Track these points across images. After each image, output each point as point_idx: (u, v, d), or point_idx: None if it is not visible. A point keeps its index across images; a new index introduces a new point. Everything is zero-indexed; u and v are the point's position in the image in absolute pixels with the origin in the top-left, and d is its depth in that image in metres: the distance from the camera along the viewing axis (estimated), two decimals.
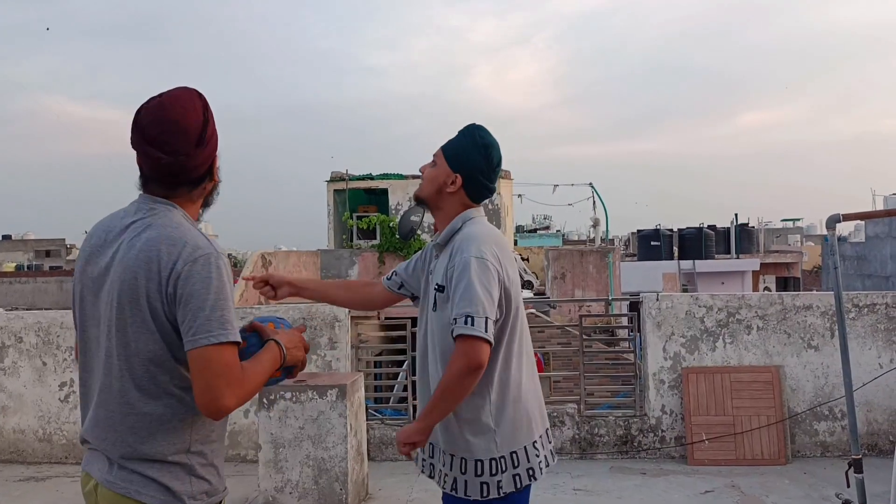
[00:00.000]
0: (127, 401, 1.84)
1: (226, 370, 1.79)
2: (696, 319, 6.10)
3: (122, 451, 1.85)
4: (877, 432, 5.96)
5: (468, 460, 2.36)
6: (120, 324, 1.83)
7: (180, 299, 1.79)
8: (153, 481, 1.84)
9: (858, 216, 4.10)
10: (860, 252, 31.74)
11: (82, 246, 1.97)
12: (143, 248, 1.83)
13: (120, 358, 1.84)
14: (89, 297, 1.91)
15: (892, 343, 6.01)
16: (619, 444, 6.10)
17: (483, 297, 2.25)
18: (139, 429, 1.84)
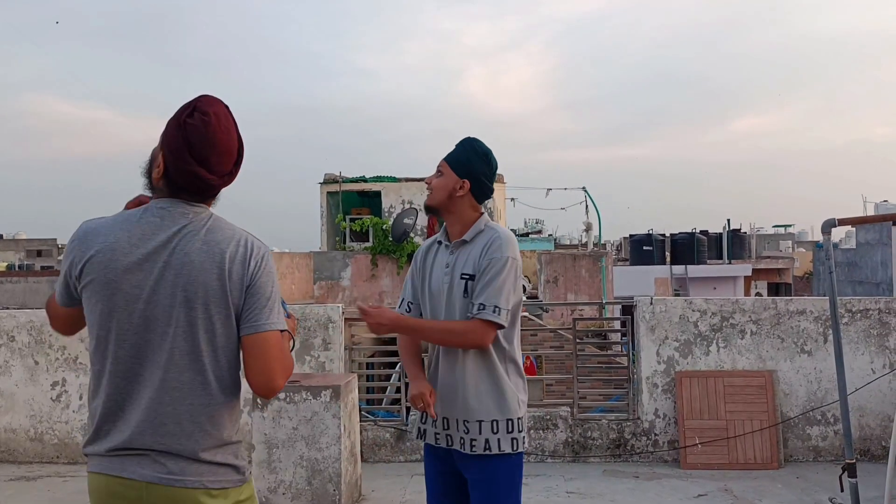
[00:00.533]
0: (208, 392, 1.95)
1: (280, 354, 1.97)
2: (690, 324, 6.12)
3: (202, 444, 1.94)
4: (869, 437, 5.98)
5: (500, 421, 2.73)
6: (204, 324, 1.93)
7: (250, 292, 1.95)
8: (226, 465, 1.97)
9: (853, 221, 4.12)
10: (851, 258, 31.91)
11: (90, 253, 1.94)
12: (214, 249, 1.94)
13: (201, 354, 1.93)
14: (135, 306, 1.93)
15: (884, 348, 6.04)
16: (612, 448, 6.11)
17: (509, 293, 2.70)
18: (217, 418, 1.96)
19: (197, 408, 1.94)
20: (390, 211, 21.31)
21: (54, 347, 6.22)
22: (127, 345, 1.94)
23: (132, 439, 1.93)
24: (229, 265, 1.93)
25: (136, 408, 1.93)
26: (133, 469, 1.92)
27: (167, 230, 1.95)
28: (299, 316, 6.14)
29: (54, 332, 6.15)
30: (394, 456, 6.18)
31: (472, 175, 2.81)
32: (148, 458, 1.93)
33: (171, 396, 1.93)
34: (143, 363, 1.94)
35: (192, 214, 1.98)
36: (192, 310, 1.92)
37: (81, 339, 6.20)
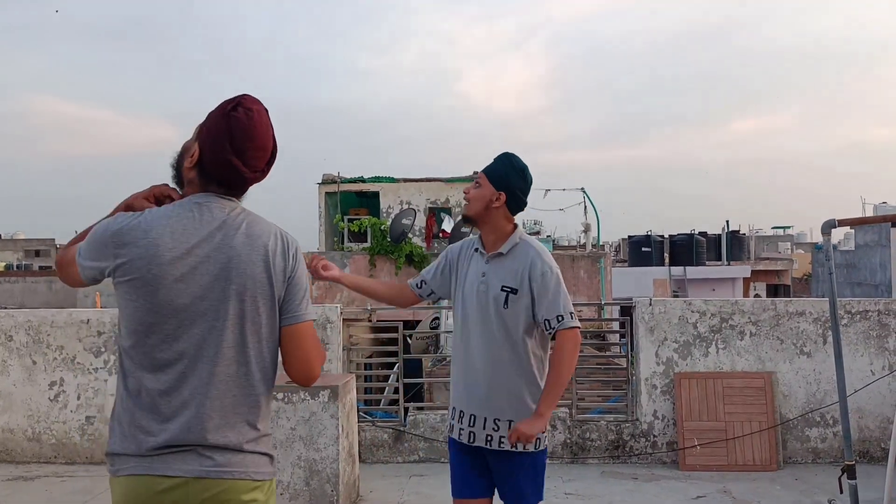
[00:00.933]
0: (251, 384, 1.99)
1: (316, 343, 2.09)
2: (689, 325, 6.11)
3: (246, 436, 1.98)
4: (868, 439, 5.97)
5: None
6: (252, 315, 1.98)
7: (293, 283, 2.04)
8: (266, 455, 2.03)
9: (853, 221, 4.11)
10: (850, 260, 31.92)
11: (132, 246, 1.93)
12: (256, 242, 2.00)
13: (247, 346, 1.98)
14: (180, 301, 1.93)
15: (884, 350, 6.03)
16: (610, 449, 6.10)
17: (569, 298, 2.97)
18: (258, 409, 2.02)
19: (240, 399, 1.98)
20: (388, 211, 21.29)
21: (52, 347, 6.20)
22: (171, 339, 1.93)
23: (178, 436, 1.91)
24: (272, 258, 2.00)
25: (182, 403, 1.93)
26: (178, 466, 1.91)
27: (208, 225, 1.97)
28: None
29: (51, 332, 6.13)
30: (392, 457, 6.17)
31: (508, 188, 2.98)
32: (193, 454, 1.92)
33: (219, 390, 1.95)
34: (189, 358, 1.94)
35: (228, 209, 2.02)
36: (242, 302, 1.96)
37: (80, 338, 6.19)
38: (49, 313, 6.32)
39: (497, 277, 2.97)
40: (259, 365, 2.00)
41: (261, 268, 1.98)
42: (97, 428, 6.14)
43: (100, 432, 6.14)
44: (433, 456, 6.15)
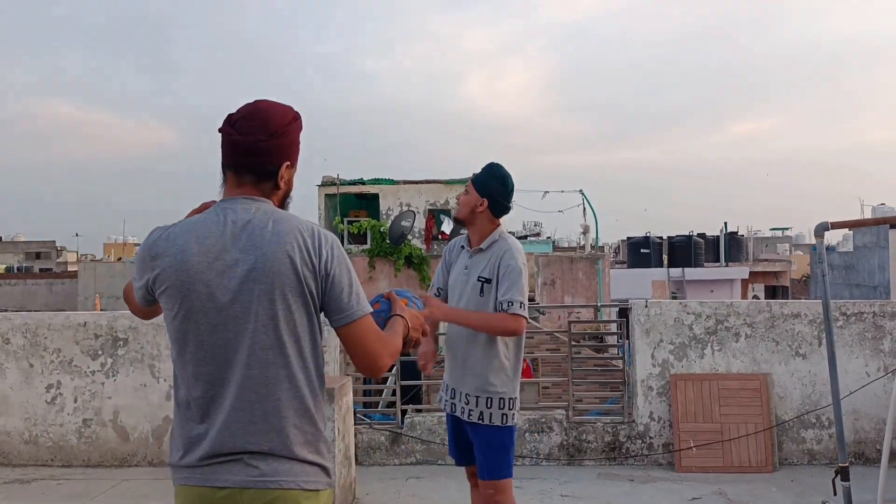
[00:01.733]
0: (294, 386, 1.94)
1: (378, 335, 2.03)
2: (685, 326, 6.12)
3: (293, 440, 1.92)
4: (864, 440, 5.98)
5: (494, 398, 3.36)
6: (284, 314, 1.92)
7: (332, 279, 1.96)
8: (317, 465, 1.96)
9: (847, 224, 4.13)
10: (848, 262, 31.93)
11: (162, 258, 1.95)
12: (285, 239, 1.93)
13: (285, 347, 1.92)
14: (210, 305, 1.91)
15: (879, 351, 6.04)
16: (606, 451, 6.11)
17: (525, 293, 3.34)
18: (305, 412, 1.95)
19: (284, 402, 1.92)
20: (388, 213, 21.30)
21: (49, 350, 6.21)
22: (207, 346, 1.92)
23: (223, 444, 1.90)
24: (301, 254, 1.93)
25: (222, 410, 1.91)
26: (226, 477, 1.89)
27: (234, 227, 1.95)
28: None
29: (49, 334, 6.14)
30: (388, 459, 6.18)
31: (490, 195, 3.42)
32: (240, 463, 1.90)
33: (258, 394, 1.90)
34: (225, 363, 1.92)
35: (254, 209, 1.98)
36: (272, 302, 1.91)
37: (77, 341, 6.20)
38: (46, 316, 6.33)
39: (476, 270, 3.43)
40: (300, 365, 1.95)
41: (287, 265, 1.91)
42: (94, 431, 6.16)
43: (96, 435, 6.15)
44: (430, 458, 6.16)
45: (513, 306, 3.29)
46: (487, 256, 3.42)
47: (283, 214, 2.01)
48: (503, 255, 3.38)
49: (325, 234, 2.00)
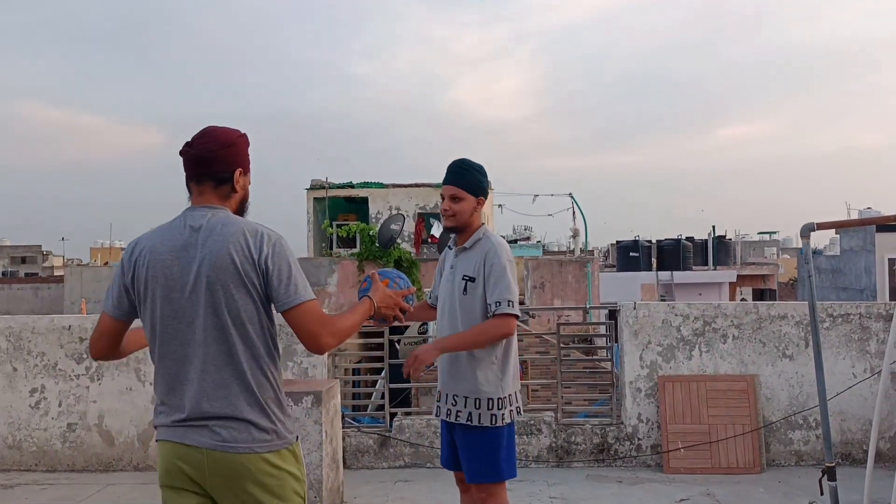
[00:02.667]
0: (239, 361, 2.29)
1: (319, 317, 2.32)
2: (673, 328, 6.13)
3: (245, 409, 2.29)
4: (850, 441, 6.00)
5: (482, 399, 3.31)
6: (226, 302, 2.28)
7: (272, 274, 2.29)
8: (267, 429, 2.31)
9: (832, 225, 4.14)
10: (836, 265, 32.10)
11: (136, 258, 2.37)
12: (230, 239, 2.30)
13: (230, 329, 2.29)
14: (173, 295, 2.31)
15: (865, 353, 6.07)
16: (595, 453, 6.10)
17: (514, 289, 3.32)
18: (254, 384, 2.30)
19: (234, 376, 2.29)
20: (377, 217, 21.28)
21: (33, 354, 6.16)
22: (171, 330, 2.31)
23: (191, 411, 2.28)
24: (242, 252, 2.29)
25: (189, 383, 2.29)
26: (194, 437, 2.28)
27: (190, 231, 2.34)
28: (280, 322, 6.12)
29: (32, 338, 6.09)
30: (377, 462, 6.15)
31: (484, 192, 3.45)
32: (206, 429, 2.28)
33: (215, 366, 2.28)
34: (186, 343, 2.30)
35: (209, 215, 2.36)
36: (216, 292, 2.28)
37: (61, 345, 6.15)
38: (30, 319, 6.27)
39: (461, 268, 3.44)
40: (246, 345, 2.30)
41: (228, 260, 2.27)
42: (79, 435, 6.10)
43: (81, 439, 6.10)
44: (419, 461, 6.14)
45: (500, 306, 3.27)
46: (472, 255, 3.43)
47: (233, 219, 2.37)
48: (487, 252, 3.38)
49: (268, 235, 2.34)
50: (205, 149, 2.41)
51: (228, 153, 2.44)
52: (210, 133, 2.45)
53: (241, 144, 2.49)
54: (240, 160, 2.47)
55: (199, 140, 2.44)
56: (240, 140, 2.49)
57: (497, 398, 3.32)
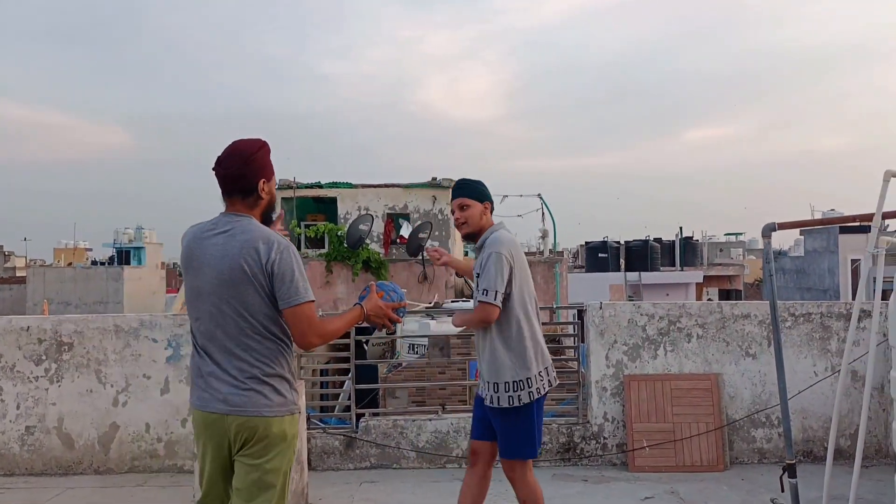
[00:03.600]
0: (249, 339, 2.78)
1: (309, 318, 2.77)
2: (638, 328, 6.16)
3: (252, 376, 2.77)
4: (812, 439, 6.09)
5: (500, 384, 3.70)
6: (238, 295, 2.76)
7: (277, 276, 2.75)
8: (269, 397, 2.78)
9: (792, 225, 4.19)
10: (800, 266, 32.62)
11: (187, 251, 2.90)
12: (245, 246, 2.77)
13: (241, 315, 2.77)
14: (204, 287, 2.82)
15: (826, 352, 6.16)
16: (561, 452, 6.12)
17: (497, 280, 3.62)
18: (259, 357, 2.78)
19: (245, 353, 2.78)
20: (346, 217, 21.17)
21: None
22: (199, 313, 2.84)
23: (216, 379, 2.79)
24: (253, 257, 2.75)
25: (216, 356, 2.81)
26: (214, 406, 2.78)
27: (218, 234, 2.84)
28: None
29: None
30: (343, 464, 6.11)
31: (487, 197, 3.91)
32: (221, 395, 2.77)
33: (229, 346, 2.79)
34: (213, 324, 2.81)
35: (234, 222, 2.85)
36: (231, 286, 2.77)
37: (19, 346, 6.02)
38: None
39: (476, 267, 3.84)
40: (254, 330, 2.78)
41: (241, 261, 2.76)
42: (37, 438, 5.97)
43: (40, 442, 5.97)
44: (385, 462, 6.10)
45: (481, 295, 3.65)
46: (481, 254, 3.82)
47: (252, 227, 2.83)
48: (486, 248, 3.77)
49: (278, 243, 2.78)
50: (231, 168, 2.85)
51: (251, 169, 2.86)
52: (234, 151, 2.87)
53: (263, 156, 2.90)
54: (262, 172, 2.89)
55: (225, 159, 2.87)
56: (260, 152, 2.89)
57: (514, 381, 3.66)
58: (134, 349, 6.03)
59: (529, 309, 3.78)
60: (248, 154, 2.85)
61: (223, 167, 2.85)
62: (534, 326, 3.77)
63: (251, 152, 2.86)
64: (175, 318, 6.15)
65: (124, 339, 6.03)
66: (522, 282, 3.75)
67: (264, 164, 2.89)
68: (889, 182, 3.59)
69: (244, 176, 2.85)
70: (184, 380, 6.02)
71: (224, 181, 2.87)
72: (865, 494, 5.07)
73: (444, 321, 14.11)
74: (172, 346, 6.03)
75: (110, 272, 40.63)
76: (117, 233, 49.33)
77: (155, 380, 6.03)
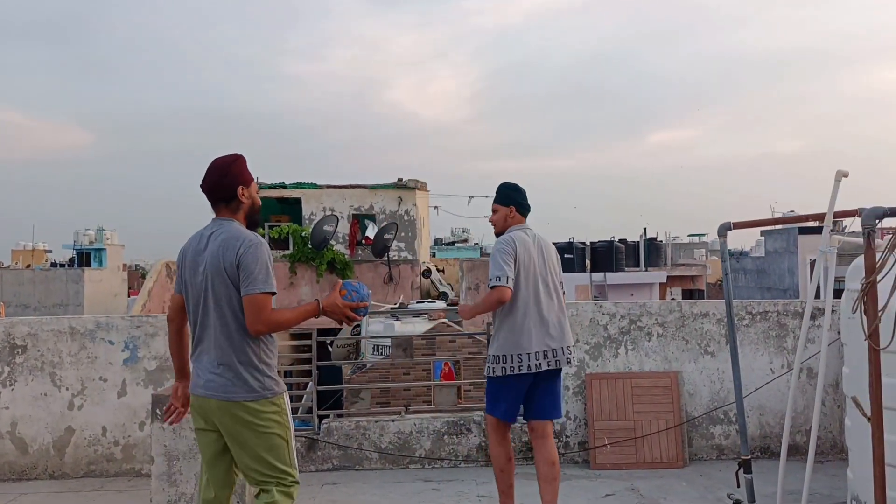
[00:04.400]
0: (230, 329, 3.18)
1: (260, 307, 3.12)
2: (600, 327, 6.21)
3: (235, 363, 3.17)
4: (769, 435, 6.19)
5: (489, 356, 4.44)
6: (217, 291, 3.18)
7: (241, 268, 3.14)
8: (249, 382, 3.18)
9: (747, 224, 4.26)
10: (760, 266, 33.17)
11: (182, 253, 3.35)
12: (222, 244, 3.20)
13: (222, 307, 3.18)
14: (195, 281, 3.24)
15: (783, 349, 6.26)
16: (524, 451, 6.13)
17: (500, 266, 4.20)
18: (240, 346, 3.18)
19: (228, 342, 3.18)
20: (311, 218, 21.03)
21: None
22: (193, 305, 3.26)
23: (206, 366, 3.22)
24: (227, 254, 3.17)
25: (208, 345, 3.22)
26: (205, 391, 3.20)
27: (205, 238, 3.28)
28: None
29: None
30: (304, 465, 6.05)
31: (513, 200, 4.45)
32: (214, 383, 3.18)
33: (215, 337, 3.19)
34: (203, 315, 3.22)
35: (217, 225, 3.30)
36: (212, 283, 3.19)
37: None
38: None
39: None
40: (232, 318, 3.18)
41: (220, 261, 3.18)
42: None
43: None
44: (347, 464, 6.07)
45: (490, 283, 4.26)
46: None
47: (232, 230, 3.25)
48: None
49: (247, 240, 3.19)
50: (210, 182, 3.33)
51: (227, 179, 3.32)
52: (213, 166, 3.34)
53: (236, 167, 3.34)
54: (238, 180, 3.33)
55: (207, 175, 3.34)
56: (235, 163, 3.34)
57: (491, 355, 4.38)
58: (90, 351, 5.93)
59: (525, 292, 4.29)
60: (224, 166, 3.31)
61: (205, 182, 3.32)
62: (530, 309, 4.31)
63: (227, 164, 3.32)
64: (132, 319, 6.06)
65: (80, 342, 5.93)
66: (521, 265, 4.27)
67: (239, 172, 3.33)
68: (840, 182, 3.66)
69: (223, 186, 3.30)
70: (141, 382, 5.93)
71: (208, 193, 3.33)
72: (820, 489, 5.17)
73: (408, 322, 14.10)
74: (130, 348, 5.94)
75: (70, 274, 39.91)
76: (78, 234, 48.50)
77: (112, 382, 5.94)
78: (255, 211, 3.38)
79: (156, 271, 16.13)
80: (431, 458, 6.08)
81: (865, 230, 3.02)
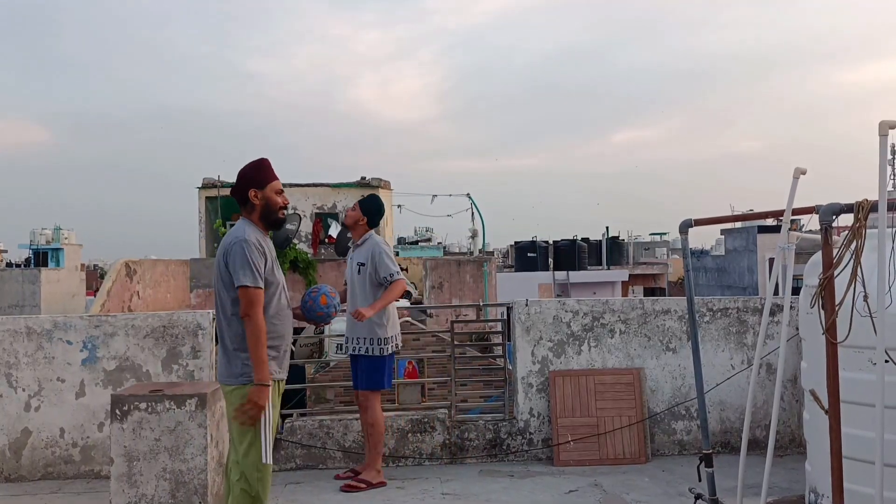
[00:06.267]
0: (226, 320, 3.74)
1: (247, 300, 3.63)
2: (563, 324, 6.25)
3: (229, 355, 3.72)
4: (730, 430, 6.28)
5: (374, 339, 5.42)
6: (219, 285, 3.72)
7: (229, 265, 3.66)
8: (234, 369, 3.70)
9: (708, 221, 4.31)
10: (721, 264, 33.69)
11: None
12: (222, 244, 3.72)
13: (221, 301, 3.72)
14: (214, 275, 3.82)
15: (743, 345, 6.36)
16: (488, 448, 6.15)
17: (393, 264, 5.41)
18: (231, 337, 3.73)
19: (227, 332, 3.74)
20: None
21: None
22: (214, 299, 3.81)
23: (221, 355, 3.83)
24: (223, 252, 3.69)
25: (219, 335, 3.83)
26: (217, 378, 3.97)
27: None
28: (166, 323, 5.91)
29: None
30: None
31: (368, 214, 5.58)
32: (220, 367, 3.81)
33: (221, 327, 3.78)
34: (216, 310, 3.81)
35: (233, 227, 3.78)
36: (216, 278, 3.74)
37: None
38: None
39: (356, 258, 5.53)
40: (226, 311, 3.72)
41: (221, 257, 3.70)
42: None
43: None
44: (311, 463, 6.03)
45: (392, 277, 5.37)
46: (363, 249, 5.53)
47: (235, 230, 3.75)
48: (372, 247, 5.49)
49: (234, 238, 3.67)
50: (234, 188, 3.83)
51: (242, 183, 3.78)
52: (238, 174, 3.82)
53: (252, 171, 3.79)
54: (252, 183, 3.75)
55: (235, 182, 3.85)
56: (251, 169, 3.80)
57: (382, 337, 5.41)
58: (47, 352, 5.80)
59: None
60: (242, 173, 3.79)
61: (231, 189, 3.86)
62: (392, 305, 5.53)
63: (244, 171, 3.79)
64: (91, 319, 5.94)
65: (36, 342, 5.80)
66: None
67: (254, 176, 3.76)
68: (798, 179, 3.72)
69: (237, 190, 3.78)
70: (101, 382, 5.82)
71: (233, 196, 3.82)
72: (779, 482, 5.26)
73: None
74: (88, 347, 5.83)
75: (26, 274, 38.94)
76: (34, 233, 47.41)
77: (70, 383, 5.81)
78: (270, 211, 3.77)
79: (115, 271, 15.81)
80: (396, 457, 6.06)
81: (823, 226, 3.08)
